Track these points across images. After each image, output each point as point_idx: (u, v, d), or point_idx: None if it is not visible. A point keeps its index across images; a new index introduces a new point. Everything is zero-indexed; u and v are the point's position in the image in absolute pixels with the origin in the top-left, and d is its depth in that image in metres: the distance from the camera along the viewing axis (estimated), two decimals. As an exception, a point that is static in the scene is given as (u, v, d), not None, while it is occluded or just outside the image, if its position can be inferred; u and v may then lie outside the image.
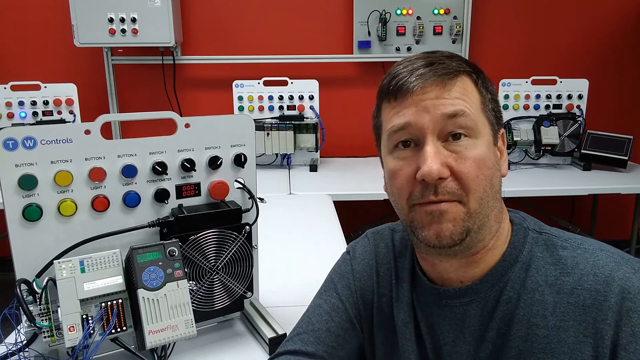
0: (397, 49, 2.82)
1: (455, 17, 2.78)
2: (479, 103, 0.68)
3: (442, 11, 2.77)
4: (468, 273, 0.70)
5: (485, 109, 0.69)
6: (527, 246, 0.69)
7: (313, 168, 2.53)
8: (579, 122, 2.49)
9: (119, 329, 0.83)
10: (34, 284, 0.82)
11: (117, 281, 0.83)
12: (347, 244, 0.91)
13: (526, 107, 2.55)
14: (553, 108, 2.53)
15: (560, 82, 2.52)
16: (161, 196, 0.93)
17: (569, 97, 2.52)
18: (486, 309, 0.69)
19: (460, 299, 0.71)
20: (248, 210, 1.00)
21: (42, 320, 0.80)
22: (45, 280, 0.81)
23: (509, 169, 0.77)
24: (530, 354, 0.65)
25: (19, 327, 0.83)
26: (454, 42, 2.81)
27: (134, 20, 2.48)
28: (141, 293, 0.80)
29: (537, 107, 2.54)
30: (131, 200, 0.91)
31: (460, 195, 0.65)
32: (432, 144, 0.65)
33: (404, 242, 0.82)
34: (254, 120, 1.03)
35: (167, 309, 0.81)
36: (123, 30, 2.49)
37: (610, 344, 0.60)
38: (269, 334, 0.97)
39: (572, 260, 0.66)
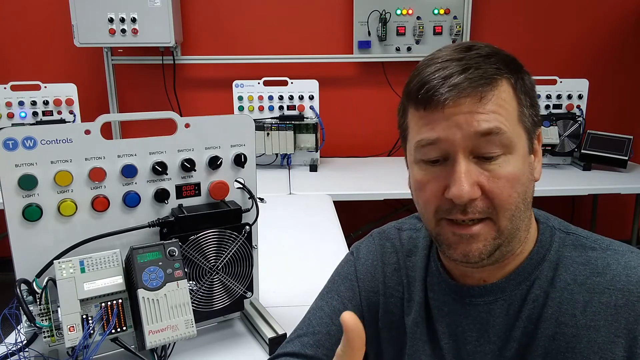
0: (397, 49, 2.82)
1: (455, 17, 2.78)
2: (516, 112, 0.64)
3: (442, 11, 2.77)
4: (493, 275, 0.69)
5: (523, 117, 0.64)
6: (555, 245, 0.69)
7: (313, 168, 2.53)
8: (579, 122, 2.49)
9: (119, 329, 0.83)
10: (34, 284, 0.82)
11: (117, 281, 0.83)
12: (348, 244, 0.91)
13: (526, 107, 2.55)
14: (553, 108, 2.53)
15: (560, 82, 2.52)
16: (161, 196, 0.93)
17: (569, 97, 2.52)
18: (512, 308, 0.68)
19: (484, 297, 0.69)
20: (248, 210, 1.00)
21: (42, 320, 0.80)
22: (45, 280, 0.81)
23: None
24: (557, 353, 0.64)
25: (19, 327, 0.83)
26: (453, 42, 2.80)
27: (134, 20, 2.48)
28: (141, 293, 0.80)
29: (537, 107, 2.54)
30: (131, 200, 0.91)
31: (490, 213, 0.63)
32: (463, 162, 0.61)
33: (413, 240, 0.81)
34: (254, 120, 1.03)
35: (167, 309, 0.81)
36: (123, 30, 2.49)
37: None
38: (269, 334, 0.97)
39: (602, 261, 0.65)
